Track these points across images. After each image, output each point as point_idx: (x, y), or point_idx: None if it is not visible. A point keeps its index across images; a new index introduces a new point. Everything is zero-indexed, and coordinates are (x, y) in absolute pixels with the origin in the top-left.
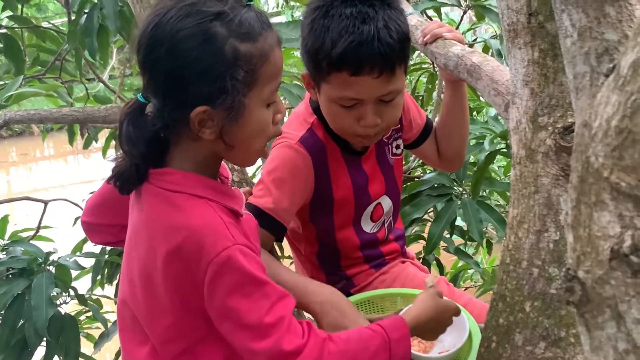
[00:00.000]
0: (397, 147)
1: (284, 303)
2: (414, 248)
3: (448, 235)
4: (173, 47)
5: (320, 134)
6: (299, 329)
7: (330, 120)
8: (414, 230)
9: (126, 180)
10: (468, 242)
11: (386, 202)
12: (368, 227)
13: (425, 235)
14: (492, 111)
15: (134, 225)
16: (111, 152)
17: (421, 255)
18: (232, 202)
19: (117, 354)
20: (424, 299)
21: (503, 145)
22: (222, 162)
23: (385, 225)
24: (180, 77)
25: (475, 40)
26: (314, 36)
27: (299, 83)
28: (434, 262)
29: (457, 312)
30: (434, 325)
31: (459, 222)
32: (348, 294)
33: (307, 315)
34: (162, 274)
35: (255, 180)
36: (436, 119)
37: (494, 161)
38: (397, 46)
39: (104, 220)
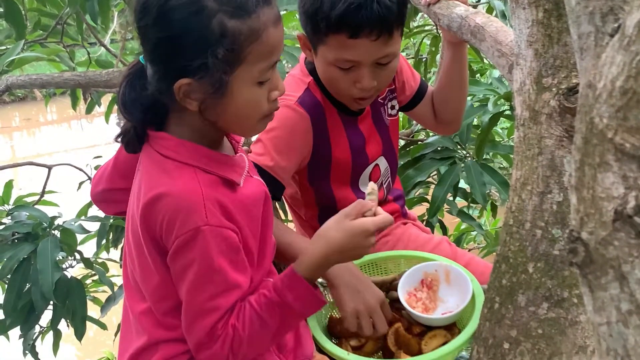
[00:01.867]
0: (392, 107)
1: (227, 295)
2: (418, 210)
3: (451, 198)
4: (160, 16)
5: (318, 95)
6: (229, 322)
7: (327, 83)
8: (417, 193)
9: (130, 140)
10: (472, 205)
11: (383, 163)
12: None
13: (429, 198)
14: (496, 73)
15: (134, 184)
16: (114, 117)
17: (425, 218)
18: (228, 172)
19: None
20: (318, 237)
21: (507, 107)
22: None
23: (384, 186)
24: (166, 47)
25: (478, 1)
26: None
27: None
28: (437, 224)
29: (383, 224)
30: (347, 254)
31: (462, 184)
32: None
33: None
34: (141, 231)
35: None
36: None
37: (498, 123)
38: (395, 9)
39: (116, 185)
